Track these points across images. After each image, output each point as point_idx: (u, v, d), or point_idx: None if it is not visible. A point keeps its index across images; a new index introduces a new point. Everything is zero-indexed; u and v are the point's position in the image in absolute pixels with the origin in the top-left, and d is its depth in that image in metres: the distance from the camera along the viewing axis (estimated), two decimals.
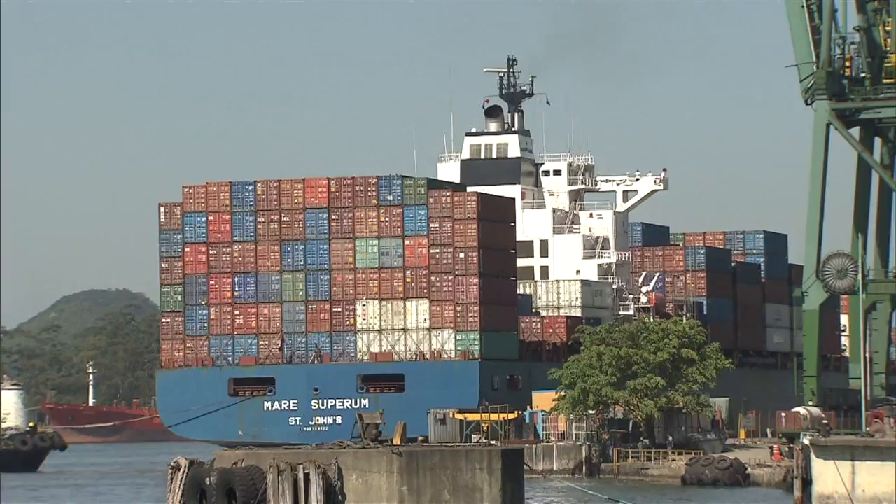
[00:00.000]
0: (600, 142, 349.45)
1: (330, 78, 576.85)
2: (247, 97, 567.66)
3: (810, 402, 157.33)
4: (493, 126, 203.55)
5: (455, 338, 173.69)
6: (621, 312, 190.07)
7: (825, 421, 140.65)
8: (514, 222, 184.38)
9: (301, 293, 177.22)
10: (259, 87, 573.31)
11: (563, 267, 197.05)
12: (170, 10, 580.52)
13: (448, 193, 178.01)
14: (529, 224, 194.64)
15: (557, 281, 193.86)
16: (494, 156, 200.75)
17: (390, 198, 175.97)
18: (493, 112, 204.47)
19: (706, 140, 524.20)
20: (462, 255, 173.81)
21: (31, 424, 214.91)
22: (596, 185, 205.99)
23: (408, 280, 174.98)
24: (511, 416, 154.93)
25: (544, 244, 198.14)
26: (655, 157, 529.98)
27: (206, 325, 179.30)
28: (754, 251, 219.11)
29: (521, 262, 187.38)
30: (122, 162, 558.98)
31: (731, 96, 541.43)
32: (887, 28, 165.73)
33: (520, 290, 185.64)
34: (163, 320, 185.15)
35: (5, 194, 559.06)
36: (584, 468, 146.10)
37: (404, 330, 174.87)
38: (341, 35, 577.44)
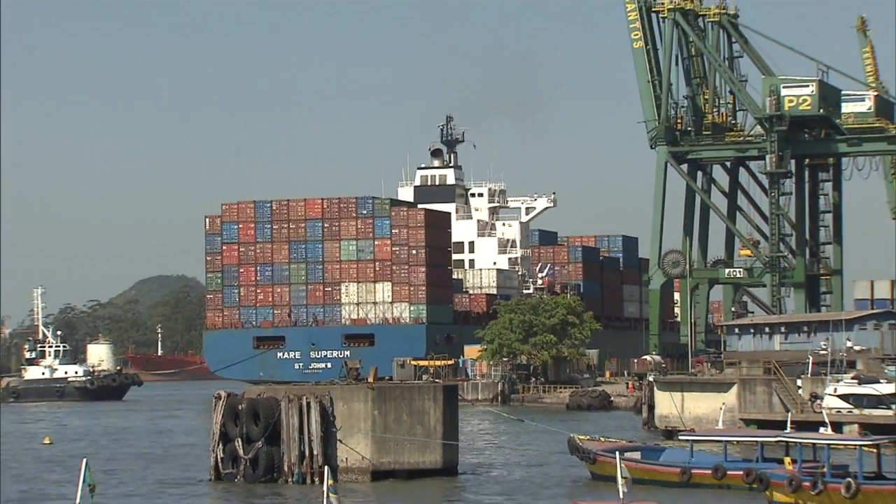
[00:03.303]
0: (510, 173, 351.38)
1: (323, 127, 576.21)
2: (267, 136, 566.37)
3: (654, 352, 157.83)
4: (436, 163, 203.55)
5: (409, 308, 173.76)
6: (524, 291, 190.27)
7: (664, 365, 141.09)
8: (450, 229, 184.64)
9: (303, 278, 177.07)
10: (277, 130, 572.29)
11: (484, 260, 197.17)
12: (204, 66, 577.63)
13: (405, 209, 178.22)
14: (461, 230, 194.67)
15: (480, 269, 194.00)
16: (437, 184, 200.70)
17: (365, 212, 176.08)
18: (436, 153, 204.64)
19: (584, 172, 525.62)
20: (414, 251, 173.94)
21: (118, 368, 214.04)
22: (507, 203, 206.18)
23: (377, 269, 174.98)
24: (449, 362, 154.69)
25: (471, 244, 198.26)
26: (548, 183, 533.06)
27: (237, 299, 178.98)
28: (615, 249, 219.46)
29: (455, 257, 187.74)
30: (180, 186, 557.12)
31: (602, 142, 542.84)
32: (705, 97, 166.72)
33: (454, 276, 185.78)
34: (208, 296, 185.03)
35: (102, 207, 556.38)
36: (499, 398, 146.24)
37: (374, 303, 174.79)
38: (337, 92, 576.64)
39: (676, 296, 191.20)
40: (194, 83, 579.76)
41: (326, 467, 39.84)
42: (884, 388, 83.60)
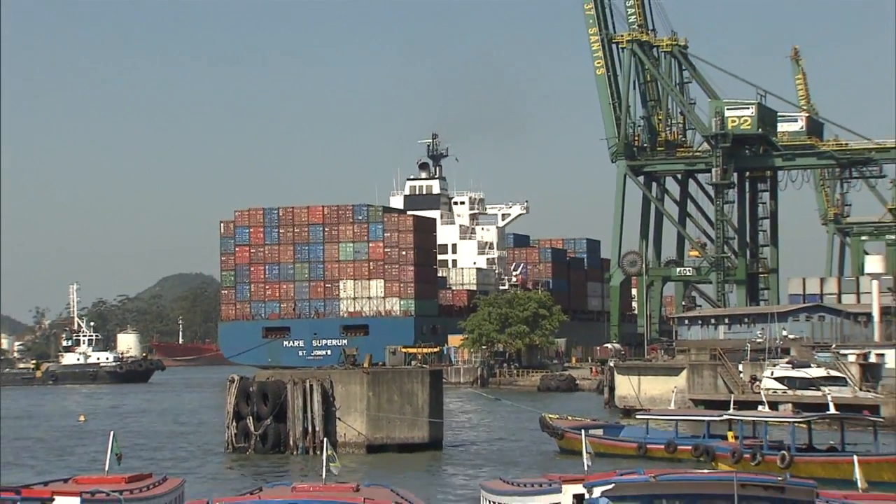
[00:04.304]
0: (488, 184, 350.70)
1: (325, 143, 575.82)
2: (275, 151, 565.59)
3: (614, 341, 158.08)
4: (423, 175, 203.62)
5: (399, 302, 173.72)
6: (501, 287, 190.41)
7: (623, 352, 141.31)
8: (436, 233, 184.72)
9: (306, 275, 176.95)
10: (283, 145, 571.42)
11: (465, 260, 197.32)
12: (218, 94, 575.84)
13: (395, 215, 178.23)
14: (445, 234, 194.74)
15: (462, 268, 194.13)
16: (424, 193, 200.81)
17: (360, 218, 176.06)
18: (423, 166, 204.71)
19: (554, 183, 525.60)
20: (404, 252, 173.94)
21: (143, 354, 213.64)
22: (485, 210, 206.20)
23: (371, 268, 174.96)
24: (435, 350, 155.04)
25: (454, 246, 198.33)
26: (522, 193, 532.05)
27: (248, 294, 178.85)
28: (580, 250, 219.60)
29: (440, 257, 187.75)
30: (198, 195, 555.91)
31: (569, 156, 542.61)
32: (659, 118, 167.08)
33: (439, 274, 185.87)
34: (223, 292, 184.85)
35: (131, 214, 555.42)
36: (478, 381, 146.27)
37: (369, 298, 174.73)
38: (337, 112, 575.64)
39: (634, 291, 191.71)
40: (210, 105, 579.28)
41: (325, 438, 39.95)
42: (814, 372, 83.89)
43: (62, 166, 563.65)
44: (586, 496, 19.31)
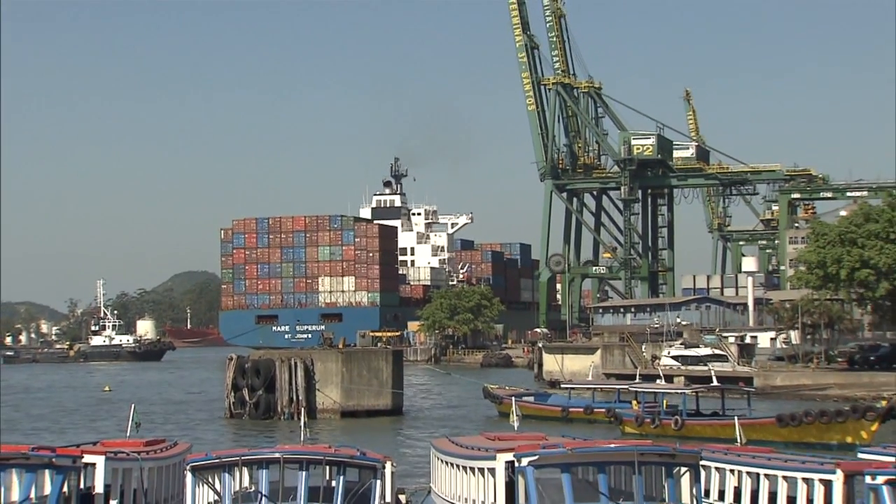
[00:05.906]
0: (440, 198, 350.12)
1: (306, 164, 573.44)
2: (265, 170, 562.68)
3: (542, 326, 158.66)
4: (387, 191, 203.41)
5: (367, 295, 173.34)
6: (450, 283, 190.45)
7: (549, 335, 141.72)
8: (397, 238, 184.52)
9: (291, 273, 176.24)
10: (272, 165, 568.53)
11: (421, 260, 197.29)
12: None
13: (364, 224, 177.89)
14: (404, 239, 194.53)
15: (419, 267, 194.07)
16: (387, 206, 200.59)
17: (336, 226, 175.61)
18: (387, 184, 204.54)
19: (494, 197, 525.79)
20: (371, 254, 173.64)
21: (158, 338, 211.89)
22: (438, 220, 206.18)
23: (344, 267, 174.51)
24: (396, 334, 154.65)
25: (412, 249, 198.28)
26: (468, 205, 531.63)
27: (244, 288, 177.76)
28: (515, 252, 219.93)
29: (400, 258, 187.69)
30: (203, 207, 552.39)
31: (506, 175, 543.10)
32: (579, 145, 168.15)
33: (400, 272, 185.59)
34: (223, 286, 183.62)
35: (149, 222, 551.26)
36: (433, 359, 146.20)
37: (342, 291, 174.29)
38: (317, 139, 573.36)
39: (558, 286, 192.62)
40: (213, 132, 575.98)
41: (303, 409, 39.97)
42: (702, 352, 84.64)
43: (93, 183, 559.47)
44: (516, 464, 19.69)
